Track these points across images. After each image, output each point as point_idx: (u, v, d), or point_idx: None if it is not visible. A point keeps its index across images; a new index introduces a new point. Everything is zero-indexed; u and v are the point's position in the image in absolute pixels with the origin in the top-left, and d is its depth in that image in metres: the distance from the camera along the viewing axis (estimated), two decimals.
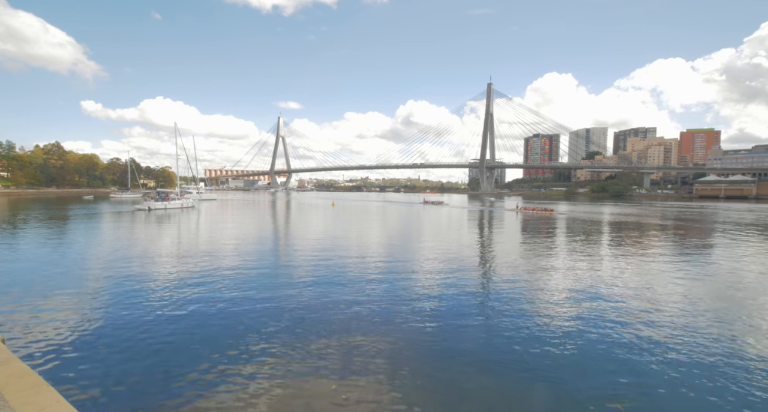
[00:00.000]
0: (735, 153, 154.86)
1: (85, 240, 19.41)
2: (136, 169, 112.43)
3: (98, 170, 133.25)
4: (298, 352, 6.56)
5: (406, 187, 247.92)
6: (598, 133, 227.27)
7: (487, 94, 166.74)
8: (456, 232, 25.91)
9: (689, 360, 6.43)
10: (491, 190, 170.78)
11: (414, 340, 7.19)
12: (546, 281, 11.93)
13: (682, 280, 12.26)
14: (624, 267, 14.15)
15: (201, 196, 73.66)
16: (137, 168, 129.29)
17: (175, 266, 13.42)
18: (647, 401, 5.25)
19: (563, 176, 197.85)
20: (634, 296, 10.26)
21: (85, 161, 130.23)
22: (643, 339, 7.28)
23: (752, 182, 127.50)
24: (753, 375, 5.94)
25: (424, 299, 9.77)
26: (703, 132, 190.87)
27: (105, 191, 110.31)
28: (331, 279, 11.65)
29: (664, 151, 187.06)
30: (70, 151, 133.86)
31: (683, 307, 9.32)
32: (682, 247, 19.80)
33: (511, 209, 52.40)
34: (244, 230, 25.33)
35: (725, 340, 7.29)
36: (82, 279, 11.41)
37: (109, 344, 6.79)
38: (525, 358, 6.47)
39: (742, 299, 10.23)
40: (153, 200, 45.42)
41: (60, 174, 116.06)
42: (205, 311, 8.62)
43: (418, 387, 5.49)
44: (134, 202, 53.42)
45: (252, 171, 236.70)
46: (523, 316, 8.53)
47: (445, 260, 15.20)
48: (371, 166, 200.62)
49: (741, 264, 15.03)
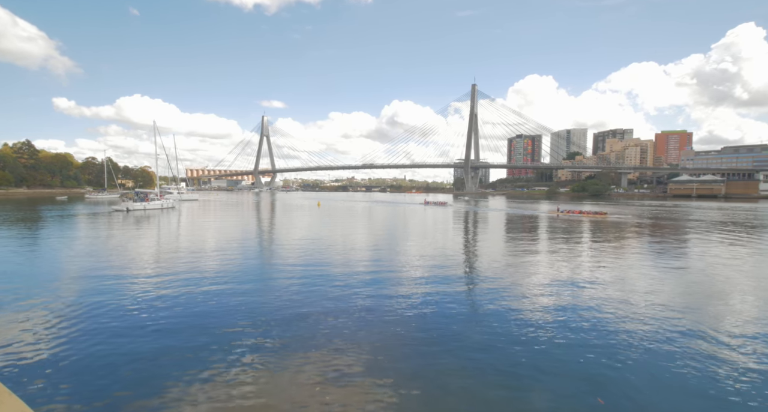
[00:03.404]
0: (706, 154, 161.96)
1: (57, 243, 18.61)
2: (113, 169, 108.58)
3: (72, 170, 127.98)
4: (280, 354, 6.47)
5: (392, 187, 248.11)
6: (578, 134, 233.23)
7: (472, 94, 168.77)
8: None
9: (667, 352, 6.65)
10: (476, 190, 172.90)
11: (399, 340, 7.19)
12: (534, 278, 12.15)
13: (658, 275, 12.70)
14: (608, 264, 14.55)
15: (182, 197, 71.83)
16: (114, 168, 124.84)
17: (155, 269, 13.04)
18: (627, 394, 5.39)
19: (545, 176, 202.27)
20: (613, 291, 10.55)
21: (58, 160, 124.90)
22: (622, 332, 7.50)
23: (722, 182, 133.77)
24: (727, 364, 6.20)
25: (411, 300, 9.79)
26: (677, 134, 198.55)
27: (80, 192, 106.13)
28: (316, 281, 11.54)
29: (641, 152, 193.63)
30: (42, 149, 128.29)
31: (659, 300, 9.64)
32: (658, 245, 20.53)
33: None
34: (226, 232, 24.84)
35: (700, 331, 7.57)
36: (54, 286, 10.92)
37: (83, 353, 6.52)
38: (506, 354, 6.56)
39: (715, 292, 10.67)
40: (131, 201, 44.04)
41: (31, 174, 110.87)
42: (185, 315, 8.39)
43: (402, 387, 5.49)
44: (111, 203, 51.61)
45: (235, 171, 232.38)
46: (506, 313, 8.65)
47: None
48: (357, 166, 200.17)
49: (714, 259, 15.69)
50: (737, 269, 13.78)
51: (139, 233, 22.96)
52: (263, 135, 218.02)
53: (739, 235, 24.82)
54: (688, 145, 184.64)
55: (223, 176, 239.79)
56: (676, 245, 20.08)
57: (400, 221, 35.02)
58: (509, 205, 67.89)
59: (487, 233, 26.76)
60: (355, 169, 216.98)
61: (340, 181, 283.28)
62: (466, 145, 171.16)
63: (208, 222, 31.63)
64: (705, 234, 24.95)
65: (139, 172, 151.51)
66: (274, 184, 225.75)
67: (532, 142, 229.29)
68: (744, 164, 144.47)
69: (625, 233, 25.42)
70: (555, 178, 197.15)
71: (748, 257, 16.64)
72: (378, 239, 21.76)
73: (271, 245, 19.37)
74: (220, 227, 27.76)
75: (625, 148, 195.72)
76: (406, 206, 63.56)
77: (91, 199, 68.35)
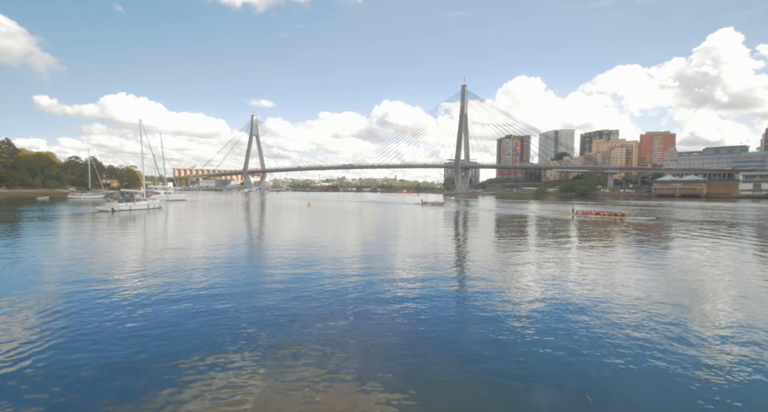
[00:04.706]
0: (688, 154, 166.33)
1: (35, 246, 18.06)
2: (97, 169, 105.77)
3: (54, 169, 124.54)
4: (270, 356, 6.38)
5: (383, 187, 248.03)
6: (565, 134, 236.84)
7: (462, 95, 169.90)
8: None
9: (654, 349, 6.77)
10: (466, 190, 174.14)
11: (390, 341, 7.17)
12: (531, 279, 12.27)
13: (646, 273, 12.96)
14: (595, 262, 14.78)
15: (169, 197, 70.54)
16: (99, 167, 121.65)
17: (141, 271, 12.76)
18: (615, 391, 5.48)
19: (534, 176, 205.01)
20: (600, 289, 10.73)
21: (39, 160, 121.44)
22: (609, 330, 7.61)
23: (703, 182, 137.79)
24: (713, 360, 6.34)
25: (402, 300, 9.79)
26: (661, 135, 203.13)
27: (62, 192, 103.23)
28: (306, 283, 11.46)
29: (626, 153, 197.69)
30: (23, 148, 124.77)
31: (644, 297, 9.84)
32: (645, 244, 20.96)
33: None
34: (214, 233, 24.48)
35: (685, 327, 7.74)
36: (30, 292, 10.56)
37: (63, 361, 6.33)
38: (496, 353, 6.59)
39: (699, 289, 10.94)
40: (117, 201, 43.12)
41: (10, 174, 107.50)
42: (173, 317, 8.22)
43: (392, 388, 5.47)
44: (95, 204, 50.38)
45: (224, 171, 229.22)
46: (498, 314, 8.71)
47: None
48: (347, 166, 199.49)
49: (698, 257, 16.09)
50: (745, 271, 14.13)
51: (125, 235, 22.46)
52: (252, 134, 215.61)
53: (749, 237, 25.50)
54: (671, 146, 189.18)
55: (212, 176, 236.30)
56: (662, 244, 20.53)
57: (403, 222, 34.95)
58: (500, 205, 68.49)
59: (492, 235, 26.93)
60: (346, 169, 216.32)
61: (330, 181, 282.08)
62: (457, 145, 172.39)
63: (196, 223, 31.12)
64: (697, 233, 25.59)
65: (124, 172, 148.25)
66: (264, 185, 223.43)
67: (521, 142, 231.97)
68: (724, 165, 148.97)
69: (617, 233, 25.88)
70: (543, 178, 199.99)
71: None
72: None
73: (260, 247, 19.15)
74: (208, 228, 27.34)
75: (611, 149, 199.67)
76: (397, 206, 63.56)
77: (74, 200, 66.62)
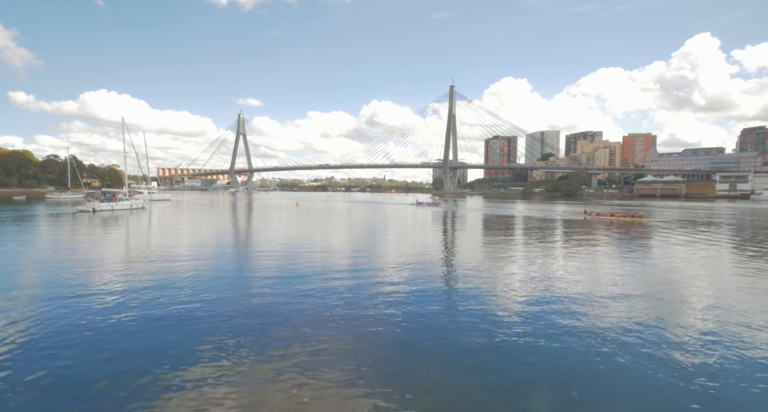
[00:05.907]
0: (668, 156, 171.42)
1: (13, 247, 17.42)
2: (77, 168, 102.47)
3: (32, 168, 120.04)
4: (257, 356, 6.30)
5: (371, 187, 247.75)
6: (551, 135, 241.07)
7: (450, 96, 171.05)
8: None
9: (638, 345, 6.95)
10: (455, 190, 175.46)
11: (378, 341, 7.17)
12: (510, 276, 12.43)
13: (629, 271, 13.29)
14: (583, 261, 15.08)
15: (153, 197, 68.92)
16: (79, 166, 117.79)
17: (123, 273, 12.43)
18: (600, 387, 5.59)
19: (521, 176, 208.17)
20: (585, 287, 10.96)
21: (15, 158, 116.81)
22: (594, 327, 7.78)
23: (682, 182, 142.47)
24: (695, 355, 6.54)
25: (391, 301, 9.79)
26: (642, 136, 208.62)
27: (40, 191, 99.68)
28: (294, 283, 11.36)
29: (609, 154, 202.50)
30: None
31: (627, 294, 10.09)
32: (627, 243, 21.49)
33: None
34: (200, 234, 24.05)
35: (669, 323, 7.96)
36: (6, 294, 10.21)
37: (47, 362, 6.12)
38: (483, 351, 6.66)
39: (681, 287, 11.28)
40: (98, 201, 41.87)
41: None
42: (155, 321, 8.03)
43: (381, 387, 5.46)
44: (75, 203, 48.84)
45: (210, 170, 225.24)
46: (483, 312, 8.81)
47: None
48: (336, 166, 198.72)
49: (679, 255, 16.59)
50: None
51: (106, 235, 21.85)
52: (239, 133, 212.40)
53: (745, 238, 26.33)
54: (652, 147, 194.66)
55: (198, 175, 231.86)
56: (644, 243, 21.08)
57: (394, 223, 34.98)
58: (488, 205, 69.25)
59: (482, 236, 27.15)
60: (335, 169, 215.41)
61: (319, 181, 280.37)
62: (445, 145, 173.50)
63: (181, 224, 30.50)
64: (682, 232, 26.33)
65: (106, 171, 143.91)
66: (251, 184, 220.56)
67: (508, 143, 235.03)
68: (702, 166, 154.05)
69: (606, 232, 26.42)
70: (530, 178, 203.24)
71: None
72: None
73: (247, 248, 18.90)
74: (194, 228, 26.84)
75: (595, 150, 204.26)
76: (386, 206, 63.59)
77: (53, 200, 64.41)
